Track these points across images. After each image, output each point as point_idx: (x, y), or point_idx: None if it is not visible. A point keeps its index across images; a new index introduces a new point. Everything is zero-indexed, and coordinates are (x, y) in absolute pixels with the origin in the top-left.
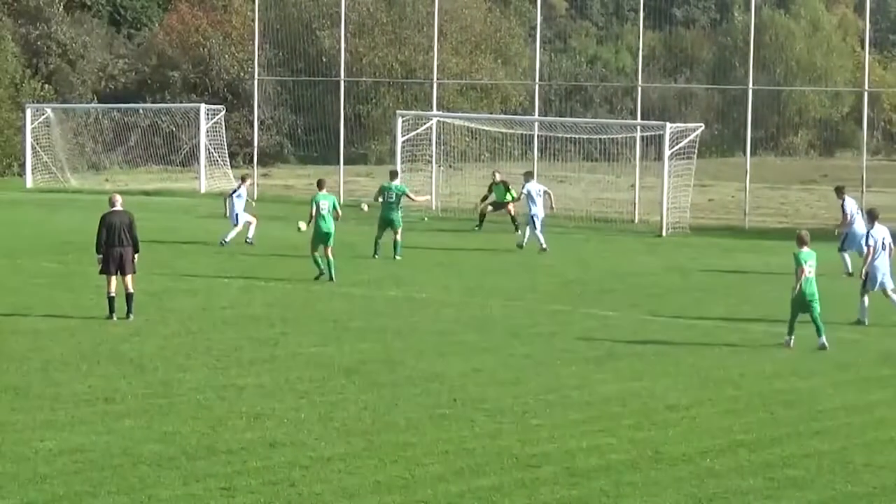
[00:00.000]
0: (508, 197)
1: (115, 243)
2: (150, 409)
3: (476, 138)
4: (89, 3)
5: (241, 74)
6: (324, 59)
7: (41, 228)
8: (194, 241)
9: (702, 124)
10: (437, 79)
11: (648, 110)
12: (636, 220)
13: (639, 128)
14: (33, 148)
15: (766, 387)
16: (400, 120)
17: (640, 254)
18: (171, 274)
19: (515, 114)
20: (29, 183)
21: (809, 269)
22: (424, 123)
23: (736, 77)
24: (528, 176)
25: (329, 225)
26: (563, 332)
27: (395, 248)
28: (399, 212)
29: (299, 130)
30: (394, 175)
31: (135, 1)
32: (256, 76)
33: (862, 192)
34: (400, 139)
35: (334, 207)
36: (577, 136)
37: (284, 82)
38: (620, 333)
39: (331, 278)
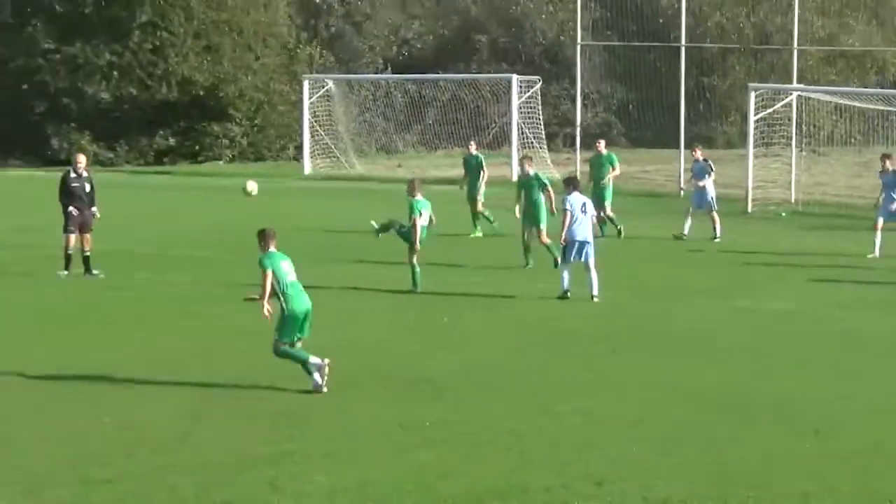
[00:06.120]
0: None
1: None
2: (450, 441)
3: (844, 117)
4: None
5: (561, 39)
6: (660, 21)
7: (324, 223)
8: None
9: None
10: (798, 45)
11: None
12: None
13: None
14: (312, 127)
15: None
16: (752, 94)
17: None
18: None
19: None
20: (307, 169)
21: None
22: (782, 99)
23: None
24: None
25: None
26: None
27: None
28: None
29: (630, 107)
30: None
31: None
32: (579, 41)
33: None
34: (752, 117)
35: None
36: None
37: (613, 48)
38: None
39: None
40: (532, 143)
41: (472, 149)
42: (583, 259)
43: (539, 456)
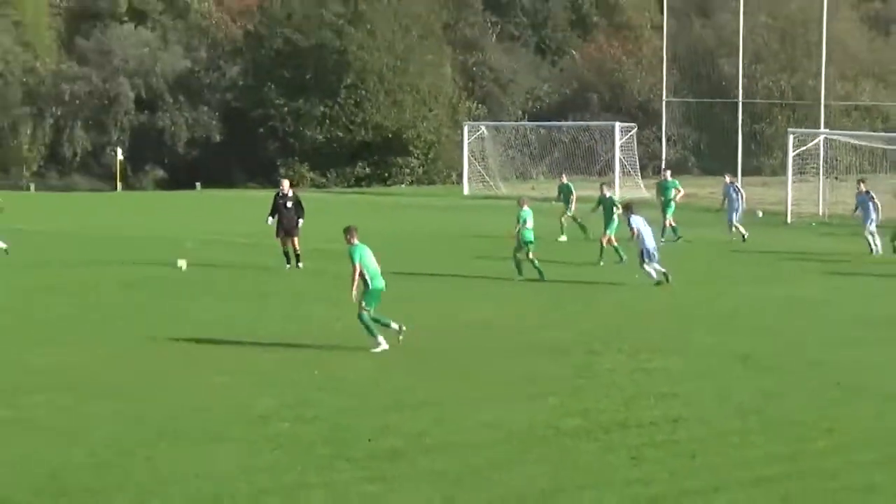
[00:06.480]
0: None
1: None
2: (569, 389)
3: (858, 153)
4: (518, 34)
5: (651, 97)
6: (723, 83)
7: (478, 230)
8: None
9: None
10: (825, 101)
11: None
12: None
13: None
14: (469, 160)
15: None
16: (791, 137)
17: None
18: (597, 270)
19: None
20: (466, 190)
21: None
22: (812, 140)
23: None
24: None
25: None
26: None
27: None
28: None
29: (702, 146)
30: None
31: (557, 32)
32: (664, 98)
33: None
34: (791, 154)
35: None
36: None
37: (689, 103)
38: None
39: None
40: (629, 172)
41: (564, 178)
42: (653, 259)
43: (633, 400)
